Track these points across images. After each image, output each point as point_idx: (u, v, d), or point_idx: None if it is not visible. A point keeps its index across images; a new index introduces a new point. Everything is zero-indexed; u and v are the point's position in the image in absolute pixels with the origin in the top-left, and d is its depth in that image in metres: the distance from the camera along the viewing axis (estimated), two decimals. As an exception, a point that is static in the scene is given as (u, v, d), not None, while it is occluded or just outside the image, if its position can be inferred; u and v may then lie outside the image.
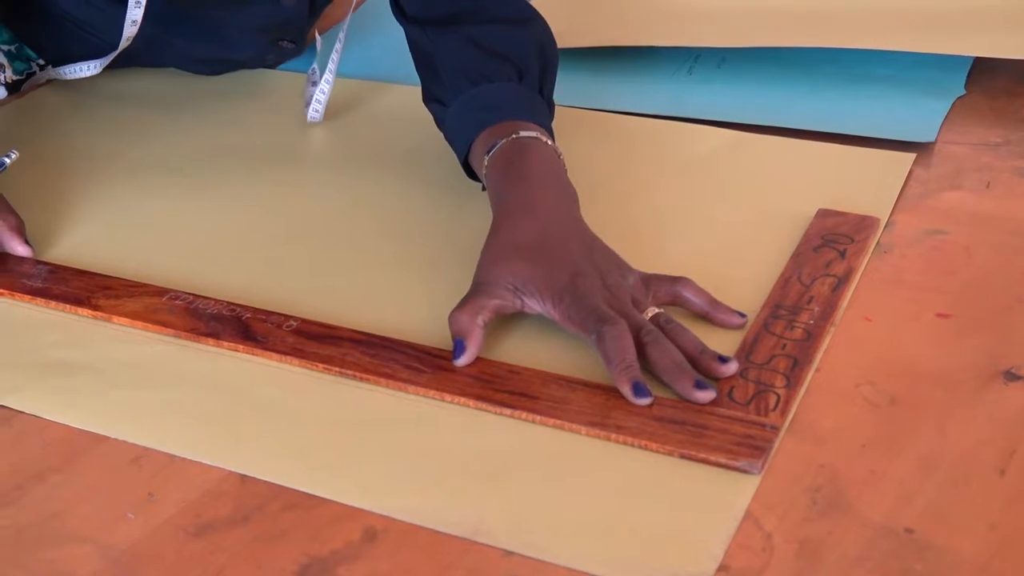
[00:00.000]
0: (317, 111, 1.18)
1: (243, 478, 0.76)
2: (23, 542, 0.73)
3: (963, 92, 1.17)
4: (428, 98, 1.06)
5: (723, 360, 0.81)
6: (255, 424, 0.80)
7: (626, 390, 0.79)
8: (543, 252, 0.87)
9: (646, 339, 0.81)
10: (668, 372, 0.80)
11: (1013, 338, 0.84)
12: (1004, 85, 1.18)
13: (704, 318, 0.86)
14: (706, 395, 0.78)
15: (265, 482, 0.75)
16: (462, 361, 0.83)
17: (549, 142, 0.96)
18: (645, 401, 0.79)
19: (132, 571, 0.70)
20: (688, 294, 0.87)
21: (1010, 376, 0.81)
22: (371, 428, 0.80)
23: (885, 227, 0.97)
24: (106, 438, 0.80)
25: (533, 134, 0.95)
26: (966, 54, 1.19)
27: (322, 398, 0.82)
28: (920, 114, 1.13)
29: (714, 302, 0.87)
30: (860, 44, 1.19)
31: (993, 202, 1.00)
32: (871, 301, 0.89)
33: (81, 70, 1.20)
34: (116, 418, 0.81)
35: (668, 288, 0.87)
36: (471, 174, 1.01)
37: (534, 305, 0.85)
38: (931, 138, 1.09)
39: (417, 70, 1.07)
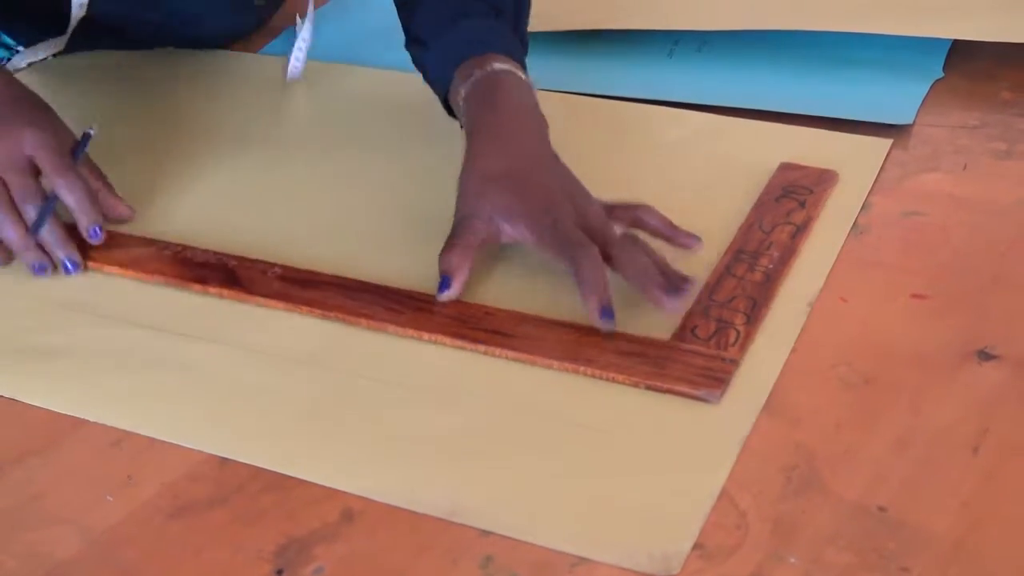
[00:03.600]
0: (297, 66, 1.19)
1: (222, 460, 0.76)
2: (2, 524, 0.73)
3: (941, 75, 1.17)
4: (409, 41, 1.08)
5: (684, 278, 0.84)
6: (234, 407, 0.81)
7: (593, 309, 0.82)
8: (517, 180, 0.89)
9: (615, 250, 0.84)
10: (637, 277, 0.83)
11: (988, 318, 0.85)
12: (982, 68, 1.18)
13: (664, 240, 0.89)
14: (673, 302, 0.82)
15: (244, 464, 0.76)
16: (447, 296, 0.86)
17: (522, 75, 0.98)
18: (609, 324, 0.82)
19: (111, 552, 0.71)
20: (648, 217, 0.90)
21: (984, 355, 0.81)
22: (349, 410, 0.80)
23: (862, 208, 0.97)
24: (85, 421, 0.80)
25: (507, 67, 0.98)
26: (944, 36, 1.19)
27: (301, 381, 0.83)
28: (898, 96, 1.13)
29: (672, 225, 0.90)
30: (839, 27, 1.19)
31: (970, 184, 1.01)
32: (848, 282, 0.89)
33: (47, 48, 1.20)
34: (96, 401, 0.82)
35: (629, 213, 0.90)
36: (452, 113, 1.03)
37: (509, 230, 0.88)
38: (909, 120, 1.10)
39: (399, 14, 1.09)
